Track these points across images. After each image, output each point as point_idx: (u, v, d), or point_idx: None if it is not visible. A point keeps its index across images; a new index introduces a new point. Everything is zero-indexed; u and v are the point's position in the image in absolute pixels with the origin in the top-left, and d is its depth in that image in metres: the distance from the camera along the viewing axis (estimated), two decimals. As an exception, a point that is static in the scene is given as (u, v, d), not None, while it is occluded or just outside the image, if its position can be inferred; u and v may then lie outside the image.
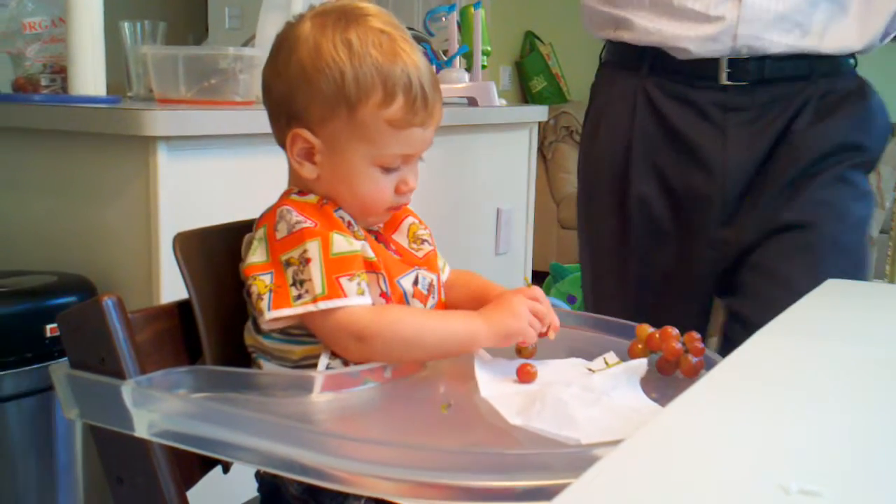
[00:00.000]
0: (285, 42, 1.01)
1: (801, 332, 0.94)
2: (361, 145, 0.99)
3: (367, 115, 0.97)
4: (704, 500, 0.54)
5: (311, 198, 1.01)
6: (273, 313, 0.94)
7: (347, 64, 0.97)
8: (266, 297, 0.94)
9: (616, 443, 0.62)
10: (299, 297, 0.93)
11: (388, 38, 0.99)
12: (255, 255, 0.97)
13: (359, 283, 0.94)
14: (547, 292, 3.65)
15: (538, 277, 3.45)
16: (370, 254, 0.98)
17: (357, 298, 0.93)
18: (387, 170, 1.01)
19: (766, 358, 0.85)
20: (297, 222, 0.96)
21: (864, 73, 1.54)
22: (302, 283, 0.93)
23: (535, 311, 0.99)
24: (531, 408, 0.86)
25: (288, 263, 0.95)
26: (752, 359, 0.84)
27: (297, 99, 0.99)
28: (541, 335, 1.01)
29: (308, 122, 0.99)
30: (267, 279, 0.95)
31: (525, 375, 0.95)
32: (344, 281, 0.93)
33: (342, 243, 0.95)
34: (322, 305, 0.92)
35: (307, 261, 0.93)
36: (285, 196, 1.02)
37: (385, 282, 0.98)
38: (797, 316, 0.99)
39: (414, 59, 0.99)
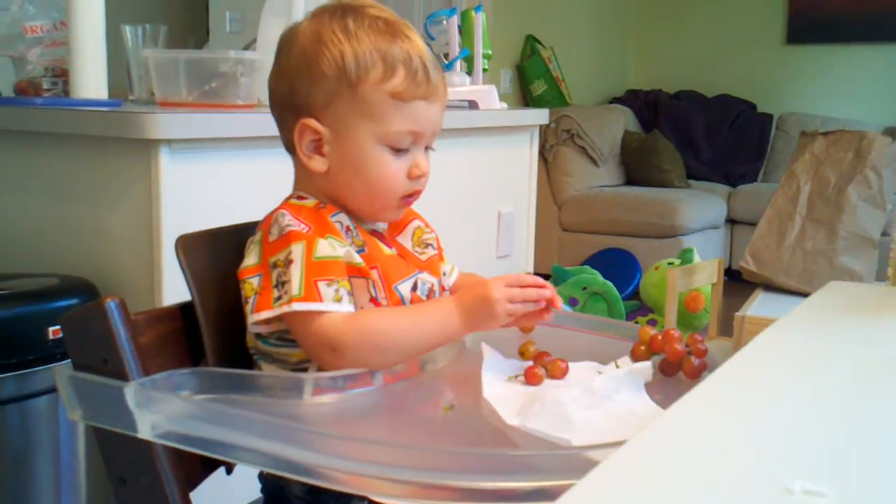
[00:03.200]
0: (286, 42, 1.03)
1: (803, 334, 0.94)
2: (367, 123, 0.99)
3: (370, 90, 0.98)
4: (707, 501, 0.54)
5: (310, 202, 1.01)
6: (254, 316, 0.94)
7: (346, 44, 0.98)
8: (251, 300, 0.95)
9: (609, 445, 0.62)
10: (279, 298, 0.93)
11: (385, 23, 1.00)
12: (250, 259, 0.98)
13: (336, 290, 0.93)
14: (548, 295, 3.64)
15: (539, 280, 3.44)
16: (357, 259, 0.97)
17: (332, 305, 0.93)
18: (396, 151, 1.00)
19: (769, 359, 0.85)
20: (287, 225, 0.96)
21: (863, 74, 1.52)
22: (283, 284, 0.94)
23: (512, 298, 0.96)
24: (530, 409, 0.86)
25: (274, 265, 0.95)
26: (754, 360, 0.84)
27: (301, 89, 1.00)
28: (533, 317, 0.99)
29: (313, 109, 0.99)
30: (255, 282, 0.96)
31: (532, 377, 0.95)
32: (322, 285, 0.93)
33: (326, 248, 0.95)
34: (296, 307, 0.92)
35: (290, 262, 0.94)
36: (285, 200, 1.03)
37: (375, 287, 0.98)
38: (800, 317, 0.99)
39: (413, 40, 1.00)
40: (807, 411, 0.71)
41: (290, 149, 1.04)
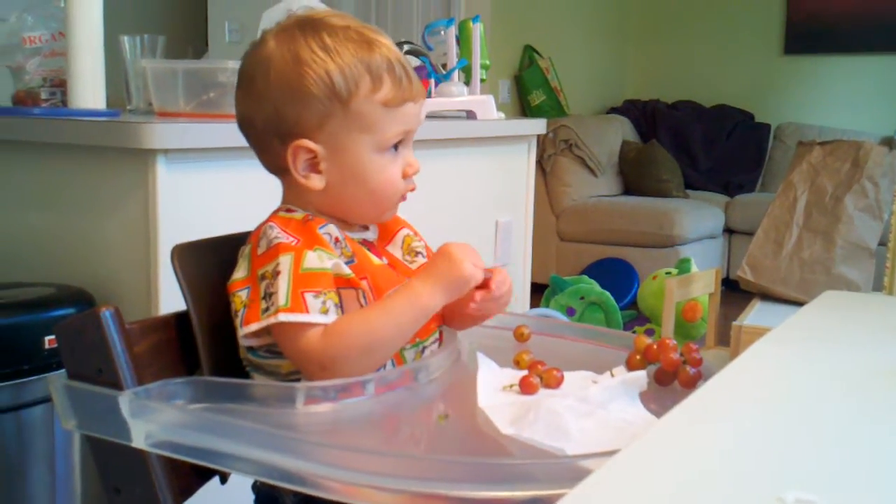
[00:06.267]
0: (259, 67, 1.00)
1: (798, 343, 0.94)
2: (363, 136, 1.00)
3: (362, 104, 0.99)
4: (699, 508, 0.54)
5: (298, 214, 1.01)
6: (244, 329, 0.94)
7: (329, 61, 0.98)
8: (241, 313, 0.95)
9: (603, 454, 0.62)
10: (266, 309, 0.93)
11: (357, 32, 1.01)
12: (239, 272, 0.98)
13: (323, 302, 0.93)
14: (546, 304, 3.65)
15: (538, 290, 3.45)
16: (346, 270, 0.97)
17: (318, 316, 0.93)
18: (390, 154, 1.01)
19: (763, 368, 0.85)
20: (275, 238, 0.96)
21: (860, 84, 1.53)
22: (270, 296, 0.94)
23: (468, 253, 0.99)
24: (524, 418, 0.86)
25: (262, 277, 0.95)
26: (748, 369, 0.84)
27: (288, 113, 0.99)
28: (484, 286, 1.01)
29: (305, 131, 0.99)
30: (244, 295, 0.96)
31: (527, 387, 0.95)
32: (309, 297, 0.93)
33: (314, 260, 0.95)
34: (282, 317, 0.92)
35: (277, 273, 0.94)
36: (273, 213, 1.03)
37: (365, 297, 0.98)
38: (794, 327, 0.99)
39: (387, 45, 1.01)
40: (800, 421, 0.71)
41: (277, 170, 1.04)
